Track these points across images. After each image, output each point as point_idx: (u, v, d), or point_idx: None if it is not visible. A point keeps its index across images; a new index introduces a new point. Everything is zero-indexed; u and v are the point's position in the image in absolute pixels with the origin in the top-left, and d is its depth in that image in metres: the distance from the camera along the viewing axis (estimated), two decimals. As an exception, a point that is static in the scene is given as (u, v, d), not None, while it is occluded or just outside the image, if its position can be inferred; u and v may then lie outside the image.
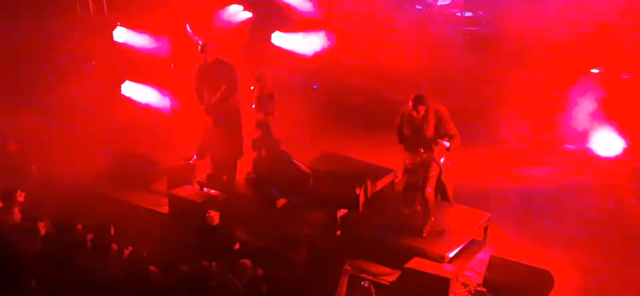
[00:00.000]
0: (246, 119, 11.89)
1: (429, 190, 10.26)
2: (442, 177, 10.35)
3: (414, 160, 10.29)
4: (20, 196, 10.38)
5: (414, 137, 10.20)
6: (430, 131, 10.07)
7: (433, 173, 10.19)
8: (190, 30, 12.07)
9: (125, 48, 14.82)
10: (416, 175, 10.34)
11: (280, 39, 15.51)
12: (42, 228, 9.85)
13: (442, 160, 10.19)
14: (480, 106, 13.23)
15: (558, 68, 13.57)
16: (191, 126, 12.58)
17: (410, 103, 9.96)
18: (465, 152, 11.32)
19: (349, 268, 8.30)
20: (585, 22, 13.95)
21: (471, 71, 13.97)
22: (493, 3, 15.25)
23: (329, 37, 14.95)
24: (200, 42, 11.88)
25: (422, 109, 9.90)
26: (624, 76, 13.54)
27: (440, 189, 10.48)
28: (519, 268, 9.80)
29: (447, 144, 10.03)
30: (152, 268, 8.69)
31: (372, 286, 8.26)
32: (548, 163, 12.64)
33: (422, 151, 10.17)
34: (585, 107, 12.56)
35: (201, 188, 12.04)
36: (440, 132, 10.07)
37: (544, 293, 9.53)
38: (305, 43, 15.20)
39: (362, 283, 8.35)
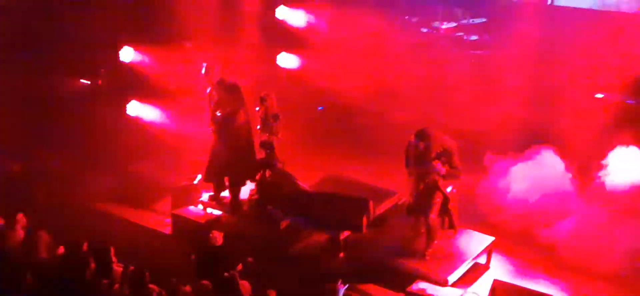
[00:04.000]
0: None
1: (433, 216, 10.32)
2: (449, 205, 10.42)
3: (417, 187, 10.38)
4: (23, 218, 10.42)
5: (417, 167, 10.31)
6: (433, 156, 10.19)
7: (437, 199, 10.27)
8: (196, 53, 12.10)
9: (131, 67, 14.87)
10: (420, 201, 10.41)
11: (285, 60, 15.60)
12: (44, 243, 9.88)
13: (448, 189, 10.30)
14: (485, 130, 13.17)
15: (562, 94, 13.50)
16: (195, 146, 12.60)
17: (412, 137, 10.22)
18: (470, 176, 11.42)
19: (342, 286, 8.25)
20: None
21: (475, 94, 13.92)
22: (501, 27, 15.25)
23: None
24: (204, 65, 11.90)
25: (422, 144, 10.14)
26: (629, 101, 13.50)
27: (447, 215, 10.54)
28: (523, 292, 9.74)
29: (442, 169, 10.19)
30: (154, 287, 8.68)
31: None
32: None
33: (424, 179, 10.30)
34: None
35: (204, 209, 12.02)
36: (442, 161, 10.23)
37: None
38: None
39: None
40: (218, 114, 11.72)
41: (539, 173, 11.88)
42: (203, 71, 11.84)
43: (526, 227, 11.38)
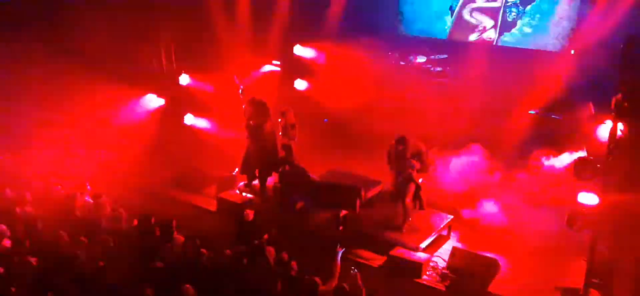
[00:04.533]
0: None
1: (408, 200, 10.52)
2: (420, 192, 10.65)
3: (397, 180, 10.49)
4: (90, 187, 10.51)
5: (397, 164, 10.40)
6: (408, 159, 10.37)
7: (411, 188, 10.50)
8: (236, 79, 12.16)
9: (187, 89, 14.96)
10: (399, 189, 10.52)
11: (299, 84, 15.65)
12: (124, 218, 9.95)
13: (420, 181, 10.60)
14: (446, 134, 13.17)
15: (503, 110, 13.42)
16: (234, 147, 12.64)
17: (394, 142, 10.58)
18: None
19: (341, 249, 8.26)
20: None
21: (439, 111, 13.91)
22: (458, 61, 15.24)
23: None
24: (241, 88, 12.01)
25: (400, 147, 10.49)
26: (554, 116, 13.44)
27: (418, 199, 10.72)
28: (474, 256, 9.78)
29: (416, 165, 10.47)
30: (203, 251, 8.75)
31: (358, 273, 8.18)
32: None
33: (402, 173, 10.39)
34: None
35: (240, 193, 12.05)
36: (417, 160, 10.51)
37: (492, 275, 9.52)
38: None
39: (351, 270, 8.28)
40: (251, 123, 11.79)
41: (467, 166, 11.94)
42: (240, 92, 11.97)
43: (454, 207, 11.39)
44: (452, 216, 10.98)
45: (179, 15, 14.41)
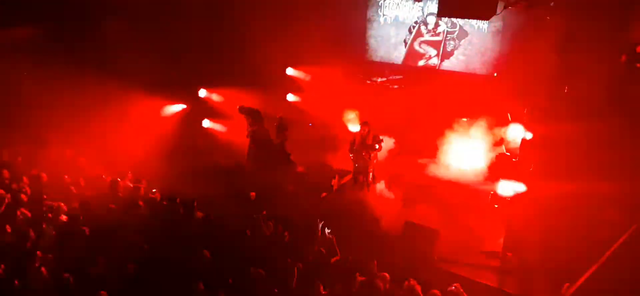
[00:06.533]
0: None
1: (370, 178, 10.66)
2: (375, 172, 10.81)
3: (359, 162, 10.51)
4: (131, 174, 10.47)
5: (361, 147, 10.41)
6: (370, 141, 10.31)
7: (371, 169, 10.44)
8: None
9: (205, 100, 14.89)
10: (360, 171, 10.54)
11: (291, 97, 15.63)
12: (157, 198, 9.91)
13: (375, 161, 10.76)
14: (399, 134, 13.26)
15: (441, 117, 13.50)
16: (240, 146, 12.62)
17: (361, 124, 10.72)
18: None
19: (321, 222, 8.31)
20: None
21: (396, 116, 14.01)
22: (409, 80, 15.35)
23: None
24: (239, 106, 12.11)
25: (365, 128, 10.56)
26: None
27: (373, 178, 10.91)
28: (422, 228, 9.69)
29: (378, 146, 10.61)
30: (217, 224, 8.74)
31: (333, 237, 8.22)
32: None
33: (365, 155, 10.40)
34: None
35: (247, 180, 11.99)
36: (375, 142, 10.50)
37: (434, 240, 9.50)
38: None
39: (327, 232, 8.31)
40: (251, 129, 11.78)
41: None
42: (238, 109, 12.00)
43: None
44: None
45: (199, 41, 14.31)
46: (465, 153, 12.23)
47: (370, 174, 10.95)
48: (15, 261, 7.41)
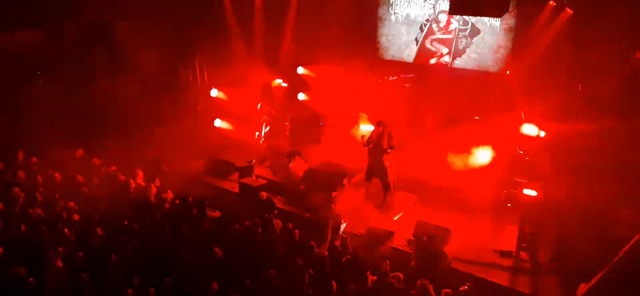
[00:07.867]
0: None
1: (387, 181, 10.37)
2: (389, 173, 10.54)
3: (373, 163, 10.40)
4: (141, 173, 10.58)
5: (375, 148, 10.31)
6: (385, 143, 10.20)
7: (387, 170, 10.31)
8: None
9: (216, 99, 14.98)
10: (374, 172, 10.44)
11: (302, 96, 15.62)
12: (169, 198, 9.97)
13: (388, 163, 10.44)
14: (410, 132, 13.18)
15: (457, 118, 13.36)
16: (251, 144, 12.65)
17: (375, 124, 10.31)
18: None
19: (331, 221, 8.29)
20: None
21: (407, 112, 13.91)
22: (423, 78, 15.24)
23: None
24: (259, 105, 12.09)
25: (380, 128, 10.16)
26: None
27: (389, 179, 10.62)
28: (433, 226, 9.69)
29: (390, 150, 10.30)
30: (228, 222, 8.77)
31: (348, 237, 8.21)
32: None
33: (380, 156, 10.26)
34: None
35: (256, 179, 12.08)
36: (390, 144, 10.19)
37: (446, 240, 9.48)
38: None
39: (341, 234, 8.32)
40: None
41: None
42: (259, 107, 11.99)
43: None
44: (417, 196, 10.93)
45: (210, 44, 14.42)
46: (477, 152, 12.10)
47: (391, 183, 10.74)
48: (30, 259, 7.51)
